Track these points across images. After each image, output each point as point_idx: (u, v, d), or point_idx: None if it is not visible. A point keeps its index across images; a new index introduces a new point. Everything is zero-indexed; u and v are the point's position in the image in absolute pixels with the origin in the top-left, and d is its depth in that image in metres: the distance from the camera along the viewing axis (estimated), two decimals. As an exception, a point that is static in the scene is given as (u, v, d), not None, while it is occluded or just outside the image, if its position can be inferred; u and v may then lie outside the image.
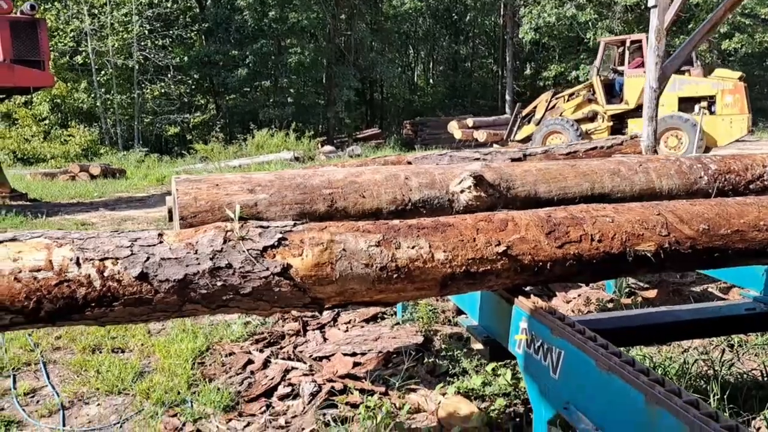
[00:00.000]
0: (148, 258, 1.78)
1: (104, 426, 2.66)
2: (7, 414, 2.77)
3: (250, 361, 3.20)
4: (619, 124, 13.99)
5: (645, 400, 1.44)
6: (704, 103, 12.79)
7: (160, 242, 1.82)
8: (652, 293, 3.82)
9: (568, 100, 14.83)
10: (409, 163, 3.99)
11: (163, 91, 22.86)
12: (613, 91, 14.24)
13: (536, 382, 1.95)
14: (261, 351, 3.33)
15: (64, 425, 2.69)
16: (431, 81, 36.23)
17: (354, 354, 3.11)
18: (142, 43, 21.81)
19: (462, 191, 2.65)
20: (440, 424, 2.51)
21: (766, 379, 2.68)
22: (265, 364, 3.18)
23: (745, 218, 2.21)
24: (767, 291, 2.60)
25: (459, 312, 3.57)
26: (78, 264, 1.73)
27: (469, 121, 17.93)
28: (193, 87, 24.81)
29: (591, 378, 1.64)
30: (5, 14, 8.69)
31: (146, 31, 21.82)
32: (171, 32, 22.68)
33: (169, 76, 23.44)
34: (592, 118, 14.11)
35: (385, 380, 2.86)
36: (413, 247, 1.95)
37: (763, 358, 2.98)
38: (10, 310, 1.68)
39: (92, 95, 21.38)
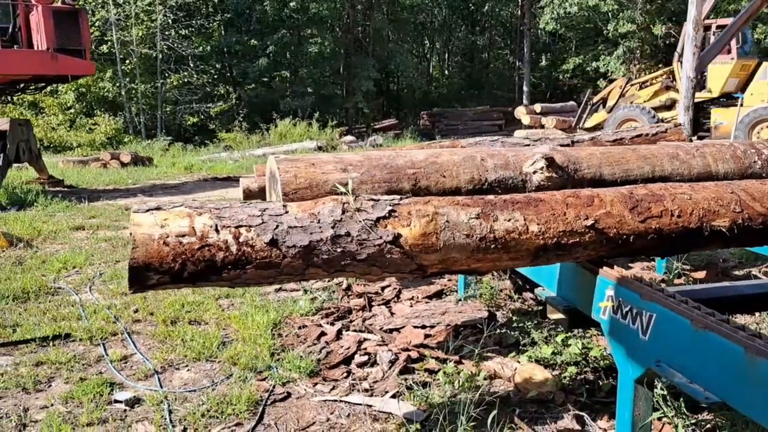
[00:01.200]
0: (277, 226, 1.96)
1: (200, 388, 2.87)
2: (107, 377, 2.99)
3: (323, 333, 3.40)
4: (698, 112, 13.33)
5: (745, 352, 1.60)
6: None
7: (286, 212, 2.01)
8: (701, 274, 3.98)
9: (641, 88, 14.50)
10: (464, 148, 4.16)
11: (185, 80, 23.10)
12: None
13: (623, 345, 2.12)
14: (332, 324, 3.52)
15: (161, 387, 2.90)
16: (447, 72, 36.24)
17: (424, 326, 3.30)
18: (166, 33, 22.05)
19: (535, 172, 2.81)
20: (517, 388, 2.69)
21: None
22: (338, 335, 3.37)
23: (813, 197, 2.36)
24: (825, 268, 2.74)
25: (518, 290, 3.74)
26: (217, 231, 1.92)
27: (537, 107, 17.96)
28: (215, 77, 25.04)
29: (685, 336, 1.81)
30: (48, 4, 8.92)
31: (170, 21, 22.03)
32: (193, 22, 22.89)
33: (191, 66, 23.68)
34: (669, 106, 13.65)
35: (458, 350, 3.05)
36: (509, 220, 2.12)
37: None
38: (158, 270, 1.87)
39: (117, 84, 21.67)
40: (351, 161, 2.68)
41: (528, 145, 3.98)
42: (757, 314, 3.27)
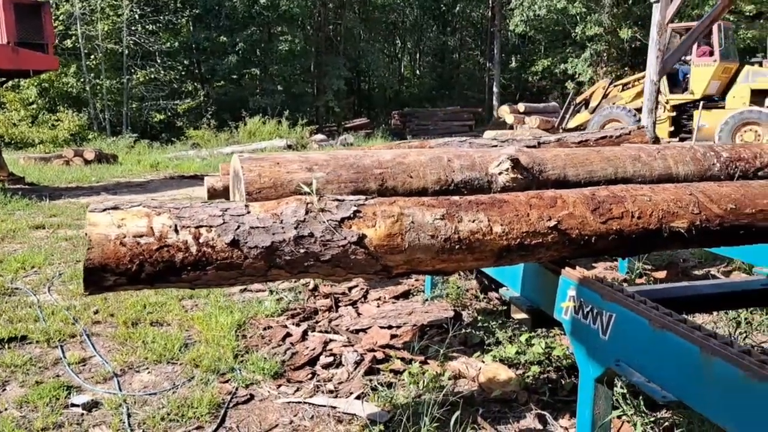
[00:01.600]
0: (238, 226, 1.93)
1: (160, 390, 2.81)
2: (64, 380, 2.91)
3: (288, 334, 3.37)
4: (680, 114, 13.81)
5: (700, 352, 1.63)
6: None
7: (248, 212, 1.98)
8: (662, 274, 4.06)
9: (624, 89, 14.66)
10: (431, 148, 4.17)
11: (152, 76, 22.69)
12: (675, 80, 14.01)
13: (584, 345, 2.14)
14: (298, 325, 3.49)
15: (120, 390, 2.83)
16: (418, 72, 36.36)
17: (390, 327, 3.29)
18: (132, 28, 21.62)
19: (500, 173, 2.83)
20: (481, 388, 2.70)
21: (776, 349, 2.92)
22: (304, 336, 3.34)
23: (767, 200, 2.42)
24: (779, 268, 2.82)
25: (484, 289, 3.77)
26: (176, 231, 1.88)
27: (521, 107, 18.00)
28: (183, 73, 24.66)
29: (644, 336, 1.83)
30: (9, -3, 8.65)
31: (136, 16, 21.62)
32: (161, 17, 22.50)
33: (158, 62, 23.27)
34: None
35: (423, 350, 3.05)
36: (474, 221, 2.13)
37: (769, 332, 3.22)
38: (114, 271, 1.82)
39: (81, 80, 21.16)
40: (317, 160, 2.65)
41: (495, 146, 4.02)
42: (714, 313, 3.34)
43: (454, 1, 32.47)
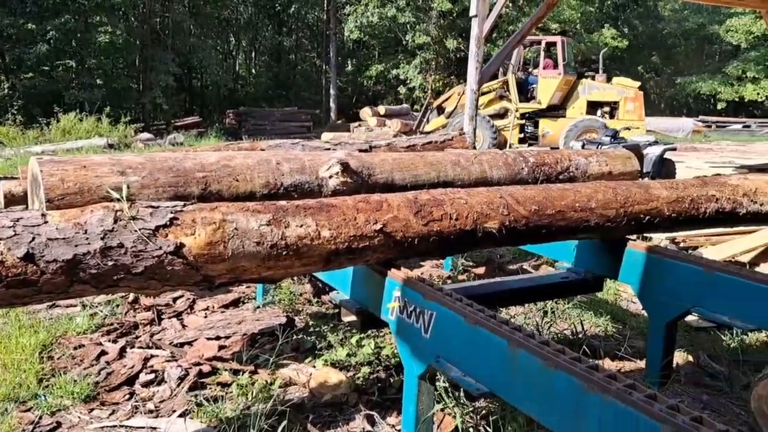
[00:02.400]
0: (33, 238, 1.73)
1: (-58, 430, 2.42)
2: None
3: (103, 352, 3.09)
4: (528, 122, 14.85)
5: (508, 344, 1.76)
6: (607, 108, 14.19)
7: (45, 222, 1.78)
8: (481, 270, 4.36)
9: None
10: (263, 150, 4.08)
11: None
12: (524, 90, 14.99)
13: (408, 343, 2.22)
14: (114, 342, 3.22)
15: None
16: (254, 71, 35.62)
17: (218, 338, 3.15)
18: None
19: (330, 176, 2.84)
20: (312, 393, 2.69)
21: (576, 336, 3.27)
22: (121, 353, 3.09)
23: (565, 201, 2.69)
24: (577, 263, 3.16)
25: (318, 293, 3.76)
26: (-46, 245, 1.63)
27: (381, 109, 18.00)
28: (-18, 62, 21.70)
29: (460, 332, 1.94)
30: None
31: None
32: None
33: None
34: (503, 114, 14.74)
35: (253, 360, 2.96)
36: (301, 226, 2.11)
37: (570, 321, 3.59)
38: None
39: None
40: (131, 163, 2.45)
41: (327, 149, 4.04)
42: (525, 305, 3.66)
43: (290, 1, 32.30)
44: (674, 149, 10.05)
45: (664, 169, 9.34)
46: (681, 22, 36.34)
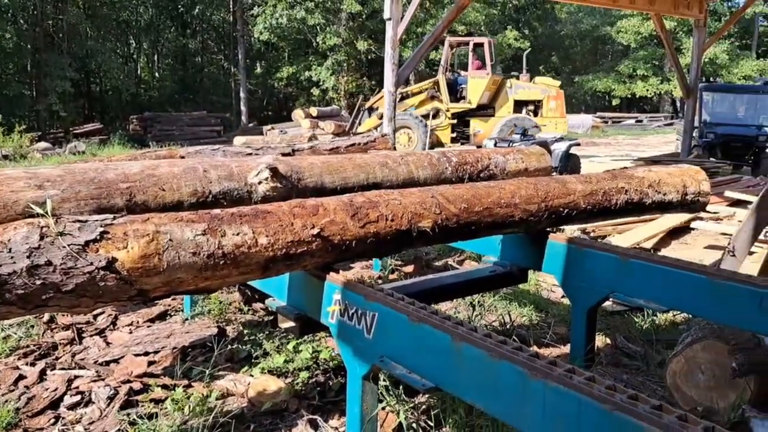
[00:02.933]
0: (-50, 260, 1.60)
1: None
2: None
3: (21, 377, 2.89)
4: (459, 121, 15.06)
5: (451, 339, 1.82)
6: (531, 107, 14.83)
7: (-38, 242, 1.65)
8: (410, 268, 4.44)
9: (409, 97, 15.39)
10: (182, 157, 3.96)
11: None
12: (454, 90, 15.20)
13: (350, 345, 2.23)
14: (32, 365, 3.02)
15: None
16: (158, 74, 34.26)
17: (147, 353, 3.04)
18: None
19: (260, 182, 2.80)
20: (251, 403, 2.65)
21: (505, 327, 3.41)
22: (41, 376, 2.91)
23: (491, 198, 2.80)
24: (502, 257, 3.29)
25: (248, 301, 3.70)
26: None
27: (313, 111, 17.57)
28: None
29: (404, 331, 1.98)
30: None
31: None
32: None
33: None
34: (434, 114, 14.89)
35: (187, 373, 2.88)
36: (238, 234, 2.08)
37: (498, 312, 3.74)
38: None
39: None
40: (48, 176, 2.32)
41: (251, 154, 3.98)
42: (454, 300, 3.76)
43: (193, 2, 31.32)
44: (578, 144, 10.64)
45: (570, 163, 9.90)
46: (576, 24, 38.54)
